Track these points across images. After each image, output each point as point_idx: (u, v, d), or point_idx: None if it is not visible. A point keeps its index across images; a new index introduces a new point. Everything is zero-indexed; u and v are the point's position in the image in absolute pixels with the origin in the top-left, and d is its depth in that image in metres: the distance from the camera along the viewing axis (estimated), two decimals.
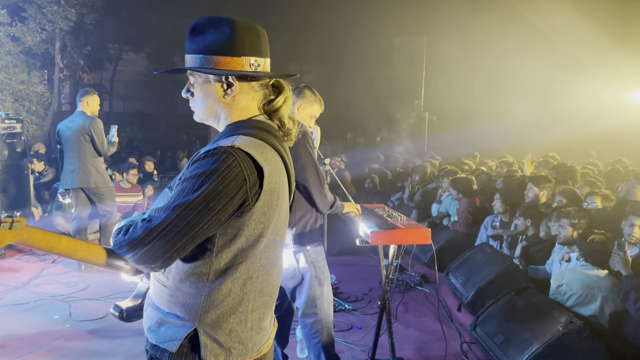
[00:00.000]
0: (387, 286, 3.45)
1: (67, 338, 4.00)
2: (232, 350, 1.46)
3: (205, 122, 1.59)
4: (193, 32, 1.50)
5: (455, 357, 3.90)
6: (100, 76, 19.09)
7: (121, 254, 1.38)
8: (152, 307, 1.52)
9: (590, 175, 6.59)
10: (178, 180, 1.42)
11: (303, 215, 3.13)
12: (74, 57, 14.82)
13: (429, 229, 3.12)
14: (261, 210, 1.42)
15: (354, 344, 4.04)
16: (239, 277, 1.44)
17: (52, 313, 4.47)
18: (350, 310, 4.75)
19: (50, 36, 13.36)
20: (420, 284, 5.45)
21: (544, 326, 3.43)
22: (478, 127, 11.86)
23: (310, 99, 3.22)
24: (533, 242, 5.02)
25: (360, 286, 5.38)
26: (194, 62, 1.49)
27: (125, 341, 3.94)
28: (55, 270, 5.65)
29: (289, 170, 1.56)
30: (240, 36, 1.47)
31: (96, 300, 4.79)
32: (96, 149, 5.74)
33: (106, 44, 17.51)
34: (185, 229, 1.33)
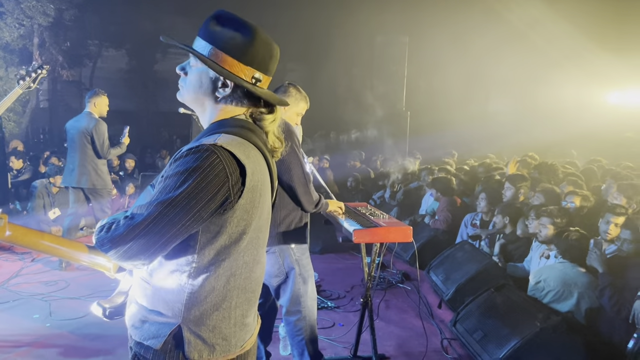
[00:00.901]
0: (369, 284, 3.49)
1: (47, 337, 3.96)
2: (216, 346, 1.47)
3: (186, 104, 1.58)
4: (214, 20, 1.49)
5: (435, 353, 3.96)
6: (79, 73, 18.77)
7: (103, 251, 1.38)
8: (135, 304, 1.52)
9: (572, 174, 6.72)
10: (160, 178, 1.42)
11: (288, 213, 3.15)
12: (52, 53, 14.58)
13: (410, 227, 3.17)
14: (244, 208, 1.43)
15: (336, 341, 4.08)
16: (222, 274, 1.45)
17: (31, 312, 4.42)
18: (333, 307, 4.78)
19: (29, 32, 13.15)
20: (401, 282, 5.52)
21: (522, 322, 3.50)
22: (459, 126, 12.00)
23: (296, 97, 3.24)
24: (511, 240, 5.11)
25: (342, 284, 5.42)
26: (202, 48, 1.48)
27: (106, 340, 3.92)
28: (34, 269, 5.59)
29: (271, 169, 1.57)
30: (256, 47, 1.48)
31: (77, 299, 4.74)
32: (95, 151, 5.76)
33: (86, 40, 17.25)
34: (167, 226, 1.33)
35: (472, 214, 6.10)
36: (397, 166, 8.82)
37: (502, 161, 9.19)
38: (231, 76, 1.47)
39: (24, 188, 8.03)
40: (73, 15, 14.12)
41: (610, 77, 12.49)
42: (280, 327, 3.94)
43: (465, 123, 12.14)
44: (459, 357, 3.89)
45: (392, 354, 3.93)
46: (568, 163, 8.08)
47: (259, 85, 1.52)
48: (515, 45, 12.65)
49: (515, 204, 5.34)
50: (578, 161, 8.52)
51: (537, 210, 4.49)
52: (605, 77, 12.55)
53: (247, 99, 1.52)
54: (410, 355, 3.93)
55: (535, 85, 13.19)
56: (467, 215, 6.16)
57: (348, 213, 3.57)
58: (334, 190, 7.49)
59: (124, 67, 19.84)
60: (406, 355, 3.93)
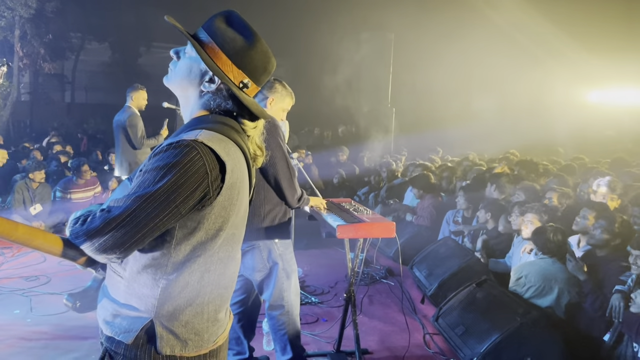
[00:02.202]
0: (353, 279, 3.51)
1: (28, 333, 3.93)
2: (188, 341, 1.47)
3: (171, 89, 1.59)
4: (222, 18, 1.50)
5: (417, 347, 4.00)
6: (61, 66, 18.56)
7: (77, 244, 1.36)
8: (107, 298, 1.51)
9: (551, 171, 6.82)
10: (139, 172, 1.41)
11: (272, 208, 3.15)
12: (34, 45, 14.39)
13: (393, 223, 3.19)
14: (222, 205, 1.43)
15: (319, 336, 4.10)
16: (197, 270, 1.45)
17: (12, 308, 4.38)
18: (317, 303, 4.80)
19: (10, 24, 12.96)
20: (385, 277, 5.55)
21: (503, 317, 3.56)
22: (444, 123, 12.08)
23: (281, 93, 3.24)
24: (492, 235, 5.18)
25: (326, 279, 5.44)
26: (202, 39, 1.49)
27: (88, 336, 3.87)
28: (14, 264, 5.52)
29: (250, 167, 1.57)
30: (253, 54, 1.50)
31: (58, 295, 4.70)
32: (131, 143, 6.14)
33: (68, 32, 17.06)
34: (144, 220, 1.32)
35: (454, 211, 6.16)
36: (382, 163, 8.87)
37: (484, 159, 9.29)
38: (220, 73, 1.47)
39: (2, 182, 7.91)
40: (55, 7, 13.95)
41: (592, 76, 12.68)
42: (264, 323, 3.96)
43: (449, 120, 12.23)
44: (440, 351, 3.94)
45: (375, 348, 3.97)
46: (551, 161, 8.20)
47: (245, 91, 1.52)
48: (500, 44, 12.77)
49: (498, 201, 5.40)
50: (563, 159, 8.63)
51: (521, 207, 4.54)
52: (587, 77, 12.74)
53: (231, 100, 1.52)
54: (393, 349, 3.96)
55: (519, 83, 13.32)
56: (449, 212, 6.22)
57: (332, 208, 3.59)
58: (319, 186, 7.51)
59: (107, 61, 19.66)
60: (388, 349, 3.96)
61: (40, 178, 7.09)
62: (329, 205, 3.63)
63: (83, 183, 7.49)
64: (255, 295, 3.46)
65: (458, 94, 13.72)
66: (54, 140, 11.10)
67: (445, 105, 13.07)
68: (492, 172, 6.17)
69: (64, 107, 19.25)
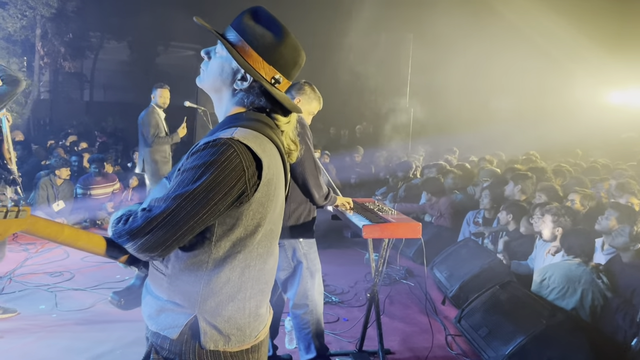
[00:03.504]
0: (377, 279, 3.51)
1: (54, 328, 3.99)
2: (231, 336, 1.49)
3: (205, 89, 1.61)
4: (250, 15, 1.51)
5: (440, 348, 3.99)
6: (81, 64, 18.74)
7: (121, 243, 1.40)
8: (150, 295, 1.54)
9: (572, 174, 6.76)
10: (177, 171, 1.44)
11: (297, 207, 3.17)
12: (54, 44, 14.54)
13: (419, 224, 3.18)
14: (259, 201, 1.45)
15: (341, 335, 4.11)
16: (237, 266, 1.47)
17: (37, 303, 4.44)
18: (337, 302, 4.81)
19: (31, 23, 13.09)
20: (405, 278, 5.54)
21: (528, 319, 3.53)
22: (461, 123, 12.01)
23: (309, 96, 3.26)
24: (514, 237, 5.14)
25: (346, 279, 5.45)
26: (231, 38, 1.51)
27: (112, 332, 3.93)
28: (39, 260, 5.60)
29: (285, 163, 1.59)
30: (283, 49, 1.51)
31: (82, 291, 4.76)
32: (145, 140, 6.41)
33: (88, 31, 17.20)
34: (185, 218, 1.35)
35: (474, 212, 6.13)
36: (400, 163, 8.85)
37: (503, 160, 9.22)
38: (251, 70, 1.48)
39: (27, 179, 8.02)
40: (75, 7, 14.07)
41: (611, 77, 12.52)
42: (287, 321, 3.98)
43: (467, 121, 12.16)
44: (463, 353, 3.92)
45: (397, 349, 3.96)
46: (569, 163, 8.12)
47: (277, 87, 1.54)
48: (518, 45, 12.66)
49: (519, 202, 5.36)
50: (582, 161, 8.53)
51: (542, 208, 4.51)
52: (607, 78, 12.58)
53: (264, 97, 1.53)
54: (415, 350, 3.96)
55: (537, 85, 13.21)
56: (469, 213, 6.19)
57: (356, 208, 3.59)
58: (337, 186, 7.51)
59: (126, 60, 19.81)
60: (411, 350, 3.96)
61: (66, 175, 7.20)
62: (354, 205, 3.63)
63: (102, 179, 7.59)
64: (279, 293, 3.47)
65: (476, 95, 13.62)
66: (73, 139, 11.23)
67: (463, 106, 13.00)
68: (517, 172, 6.11)
69: (83, 106, 19.43)
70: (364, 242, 6.83)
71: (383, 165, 9.70)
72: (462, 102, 12.96)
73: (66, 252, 5.85)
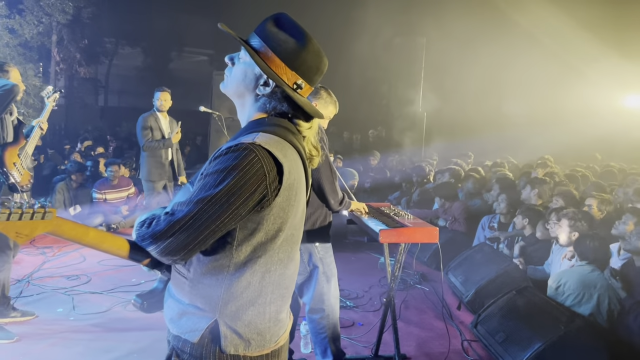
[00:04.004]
0: (393, 284, 3.50)
1: (71, 331, 4.02)
2: (251, 341, 1.50)
3: (229, 96, 1.62)
4: (273, 21, 1.53)
5: (456, 354, 3.96)
6: (95, 70, 18.98)
7: (144, 246, 1.42)
8: (172, 299, 1.56)
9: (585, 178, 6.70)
10: (200, 175, 1.45)
11: (313, 212, 3.18)
12: (70, 50, 14.75)
13: (436, 228, 3.17)
14: (280, 206, 1.46)
15: (356, 340, 4.10)
16: (258, 270, 1.48)
17: (55, 306, 4.48)
18: (352, 307, 4.80)
19: (47, 29, 13.28)
20: (419, 282, 5.52)
21: (546, 325, 3.50)
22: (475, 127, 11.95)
23: (326, 100, 3.27)
24: (530, 242, 5.10)
25: (360, 283, 5.44)
26: (255, 44, 1.52)
27: (129, 335, 3.97)
28: (56, 264, 5.66)
29: (306, 168, 1.60)
30: (306, 55, 1.52)
31: (99, 294, 4.80)
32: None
33: (102, 37, 17.44)
34: (207, 222, 1.37)
35: (490, 216, 6.10)
36: (414, 167, 8.82)
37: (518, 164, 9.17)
38: (274, 76, 1.50)
39: (44, 183, 8.13)
40: (91, 13, 14.27)
41: (627, 81, 12.40)
42: (302, 325, 3.98)
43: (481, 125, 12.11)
44: (479, 358, 3.90)
45: (413, 354, 3.95)
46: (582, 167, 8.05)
47: (299, 92, 1.55)
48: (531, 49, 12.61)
49: (536, 207, 5.32)
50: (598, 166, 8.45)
51: (559, 213, 4.47)
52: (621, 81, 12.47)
53: (286, 102, 1.54)
54: (431, 355, 3.94)
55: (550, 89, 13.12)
56: (484, 218, 6.16)
57: (372, 213, 3.59)
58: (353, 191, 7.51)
59: (140, 65, 20.05)
60: (427, 355, 3.94)
61: (82, 179, 7.28)
62: (369, 209, 3.63)
63: (117, 184, 7.66)
64: (294, 297, 3.48)
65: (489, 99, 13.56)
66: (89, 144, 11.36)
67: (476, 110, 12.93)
68: (534, 177, 6.08)
69: (98, 111, 19.67)
70: (376, 246, 6.83)
71: (397, 170, 9.68)
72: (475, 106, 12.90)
73: (82, 256, 5.90)
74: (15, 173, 3.76)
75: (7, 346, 3.70)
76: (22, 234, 1.29)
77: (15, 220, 1.27)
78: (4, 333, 3.77)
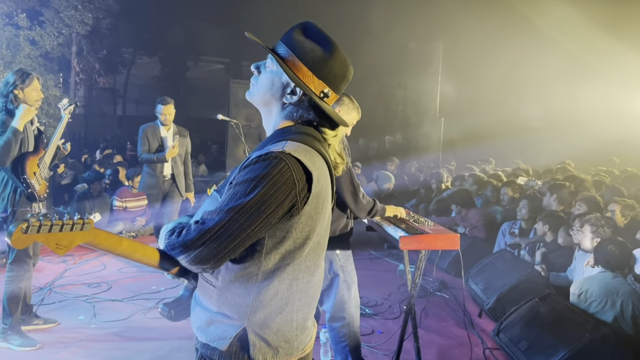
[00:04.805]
0: (413, 291, 3.46)
1: (93, 338, 4.05)
2: (279, 349, 1.49)
3: (255, 104, 1.62)
4: (300, 30, 1.54)
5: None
6: (114, 80, 19.27)
7: (173, 255, 1.42)
8: (200, 307, 1.56)
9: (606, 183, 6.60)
10: (228, 184, 1.46)
11: (334, 219, 3.16)
12: (89, 60, 15.00)
13: (457, 234, 3.14)
14: (308, 214, 1.46)
15: (376, 348, 4.06)
16: (286, 278, 1.48)
17: (76, 314, 4.53)
18: (371, 314, 4.77)
19: (67, 40, 13.52)
20: (439, 290, 5.46)
21: (570, 333, 3.44)
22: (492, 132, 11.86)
23: (348, 106, 3.26)
24: (552, 248, 5.02)
25: (379, 291, 5.40)
26: (282, 52, 1.53)
27: (150, 343, 3.98)
28: (77, 271, 5.72)
29: (332, 175, 1.60)
30: (332, 64, 1.53)
31: (119, 302, 4.84)
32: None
33: (121, 48, 17.71)
34: (237, 231, 1.37)
35: (510, 222, 6.03)
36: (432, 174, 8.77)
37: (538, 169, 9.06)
38: (301, 85, 1.50)
39: (65, 192, 8.24)
40: (109, 24, 14.48)
41: None
42: (322, 333, 3.95)
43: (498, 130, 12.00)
44: None
45: None
46: (606, 172, 7.93)
47: (326, 101, 1.55)
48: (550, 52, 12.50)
49: (557, 213, 5.25)
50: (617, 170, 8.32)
51: (582, 219, 4.40)
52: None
53: (313, 110, 1.55)
54: None
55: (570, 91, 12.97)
56: (505, 224, 6.09)
57: (391, 219, 3.56)
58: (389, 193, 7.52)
59: (157, 74, 20.30)
60: None
61: (101, 188, 7.35)
62: (388, 217, 3.60)
63: (138, 192, 7.71)
64: None
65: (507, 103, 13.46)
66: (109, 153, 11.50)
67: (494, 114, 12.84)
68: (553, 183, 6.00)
69: (116, 120, 19.94)
70: (394, 253, 6.80)
71: (415, 176, 9.62)
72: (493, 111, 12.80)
73: (103, 264, 5.96)
74: (34, 182, 3.81)
75: (30, 353, 3.74)
76: (62, 245, 1.31)
77: (56, 232, 1.29)
78: (27, 340, 3.82)
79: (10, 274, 3.83)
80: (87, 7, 12.83)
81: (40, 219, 1.25)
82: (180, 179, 5.96)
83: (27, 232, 1.25)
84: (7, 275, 3.84)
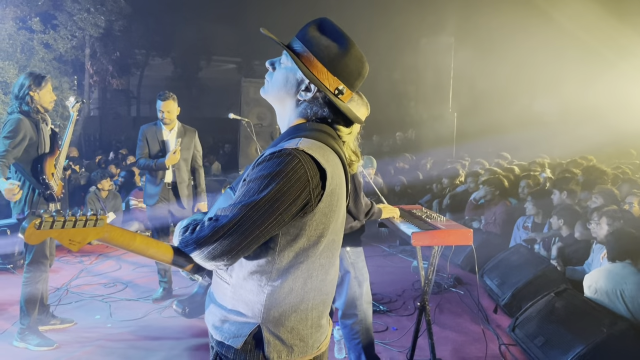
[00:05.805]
0: (427, 287, 3.44)
1: (109, 338, 4.08)
2: (294, 347, 1.49)
3: (269, 101, 1.61)
4: (315, 26, 1.52)
5: (494, 358, 3.87)
6: (127, 81, 19.43)
7: (187, 252, 1.42)
8: (214, 304, 1.56)
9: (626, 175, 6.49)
10: (242, 181, 1.45)
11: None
12: (103, 63, 15.13)
13: (470, 230, 3.10)
14: (322, 211, 1.44)
15: (391, 344, 4.05)
16: (300, 276, 1.47)
17: (93, 313, 4.57)
18: (385, 311, 4.75)
19: (80, 43, 13.67)
20: (454, 286, 5.43)
21: (587, 328, 3.39)
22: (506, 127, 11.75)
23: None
24: (568, 243, 4.96)
25: (392, 287, 5.38)
26: (297, 48, 1.51)
27: (165, 341, 4.01)
28: (93, 272, 5.78)
29: (347, 173, 1.58)
30: (348, 60, 1.51)
31: (135, 301, 4.88)
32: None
33: (133, 49, 17.83)
34: (251, 228, 1.36)
35: (524, 217, 5.97)
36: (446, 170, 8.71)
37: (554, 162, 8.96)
38: (316, 81, 1.48)
39: (81, 192, 8.32)
40: (122, 26, 14.59)
41: None
42: (335, 330, 3.95)
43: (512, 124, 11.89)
44: None
45: (449, 359, 3.87)
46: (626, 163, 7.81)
47: (340, 98, 1.53)
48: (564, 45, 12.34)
49: (572, 206, 5.18)
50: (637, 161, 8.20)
51: (599, 212, 4.34)
52: None
53: (327, 107, 1.53)
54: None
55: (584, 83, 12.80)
56: (520, 219, 6.03)
57: (404, 215, 3.54)
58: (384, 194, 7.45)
59: (170, 75, 20.43)
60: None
61: (109, 186, 7.40)
62: (401, 212, 3.58)
63: None
64: None
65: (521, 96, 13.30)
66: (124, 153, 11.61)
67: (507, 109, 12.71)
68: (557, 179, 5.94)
69: (130, 121, 20.11)
70: (408, 249, 6.77)
71: (428, 172, 9.56)
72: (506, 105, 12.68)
73: (118, 264, 6.02)
74: (53, 183, 3.85)
75: (48, 353, 3.78)
76: (75, 241, 1.32)
77: (69, 228, 1.29)
78: (45, 340, 3.86)
79: (27, 275, 3.88)
80: (99, 9, 12.96)
81: (54, 215, 1.26)
82: (182, 188, 5.08)
83: (40, 228, 1.25)
84: (24, 277, 3.88)
